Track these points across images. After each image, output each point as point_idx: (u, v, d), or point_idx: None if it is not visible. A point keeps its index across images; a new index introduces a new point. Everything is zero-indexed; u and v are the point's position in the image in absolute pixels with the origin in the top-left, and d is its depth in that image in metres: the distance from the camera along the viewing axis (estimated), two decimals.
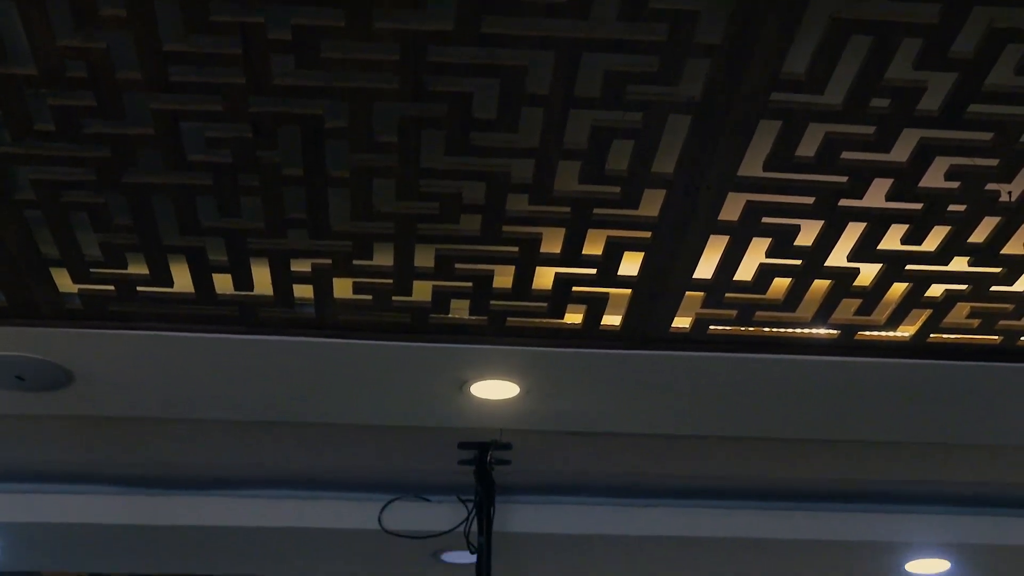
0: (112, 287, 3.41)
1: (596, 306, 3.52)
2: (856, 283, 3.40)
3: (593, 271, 3.34)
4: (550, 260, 3.29)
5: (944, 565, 5.54)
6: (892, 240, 3.22)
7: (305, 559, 5.54)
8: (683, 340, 3.67)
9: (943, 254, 3.27)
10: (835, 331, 3.64)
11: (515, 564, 5.40)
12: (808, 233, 3.18)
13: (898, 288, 3.43)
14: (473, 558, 4.92)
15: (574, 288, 3.42)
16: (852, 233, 3.19)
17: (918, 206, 3.06)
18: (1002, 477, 5.02)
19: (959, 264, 3.32)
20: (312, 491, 5.10)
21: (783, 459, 4.84)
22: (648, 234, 3.17)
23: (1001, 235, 3.18)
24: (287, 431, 4.55)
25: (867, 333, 3.66)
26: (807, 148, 2.84)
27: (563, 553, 5.40)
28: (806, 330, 3.66)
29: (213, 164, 2.89)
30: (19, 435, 4.63)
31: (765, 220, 3.12)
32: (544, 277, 3.38)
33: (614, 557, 5.46)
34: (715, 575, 5.80)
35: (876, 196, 3.02)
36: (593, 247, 3.24)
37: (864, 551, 5.38)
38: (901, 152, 2.86)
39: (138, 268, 3.32)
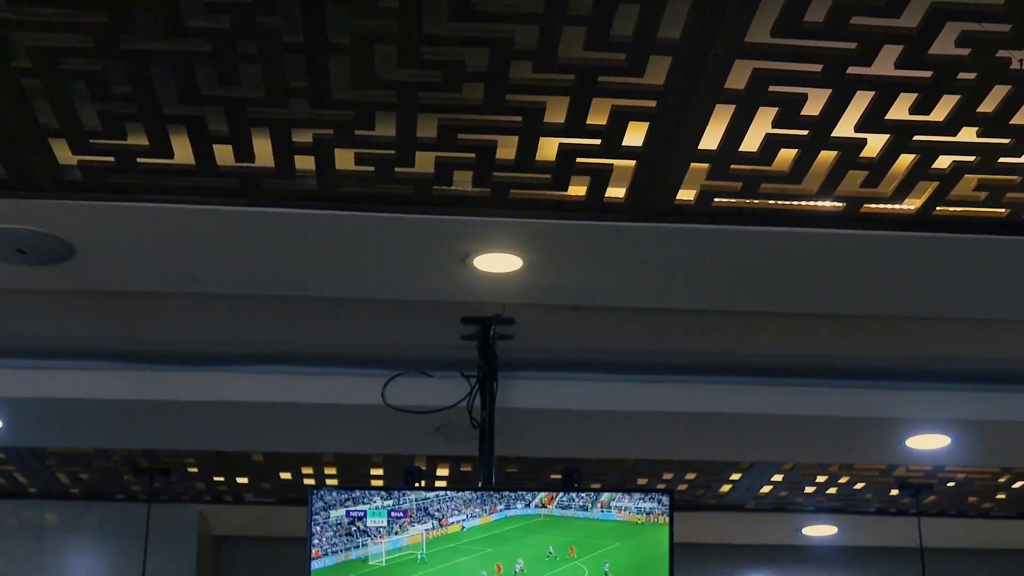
0: (112, 158, 3.39)
1: (600, 178, 3.50)
2: (863, 154, 3.38)
3: (597, 142, 3.31)
4: (554, 130, 3.27)
5: (944, 440, 5.60)
6: (900, 110, 3.19)
7: (308, 435, 5.59)
8: (687, 212, 3.66)
9: (951, 124, 3.24)
10: (840, 204, 3.63)
11: (517, 439, 5.45)
12: (815, 103, 3.16)
13: (905, 160, 3.42)
14: (476, 433, 4.97)
15: (578, 159, 3.40)
16: (860, 103, 3.16)
17: (927, 74, 3.03)
18: (1004, 353, 5.04)
19: (967, 135, 3.30)
20: (315, 367, 5.13)
21: (786, 335, 4.86)
22: (653, 103, 3.14)
23: (1011, 104, 3.15)
24: (290, 306, 4.56)
25: (873, 206, 3.65)
26: (816, 13, 2.80)
27: (565, 428, 5.45)
28: (811, 202, 3.64)
29: (212, 30, 2.85)
30: (21, 310, 4.65)
31: (772, 89, 3.09)
32: (548, 148, 3.36)
33: (616, 432, 5.51)
34: (716, 451, 5.86)
35: (885, 64, 2.99)
36: (597, 117, 3.21)
37: (865, 426, 5.43)
38: (911, 18, 2.82)
39: (138, 139, 3.30)
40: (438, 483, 6.34)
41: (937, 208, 3.65)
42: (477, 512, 4.94)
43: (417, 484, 4.94)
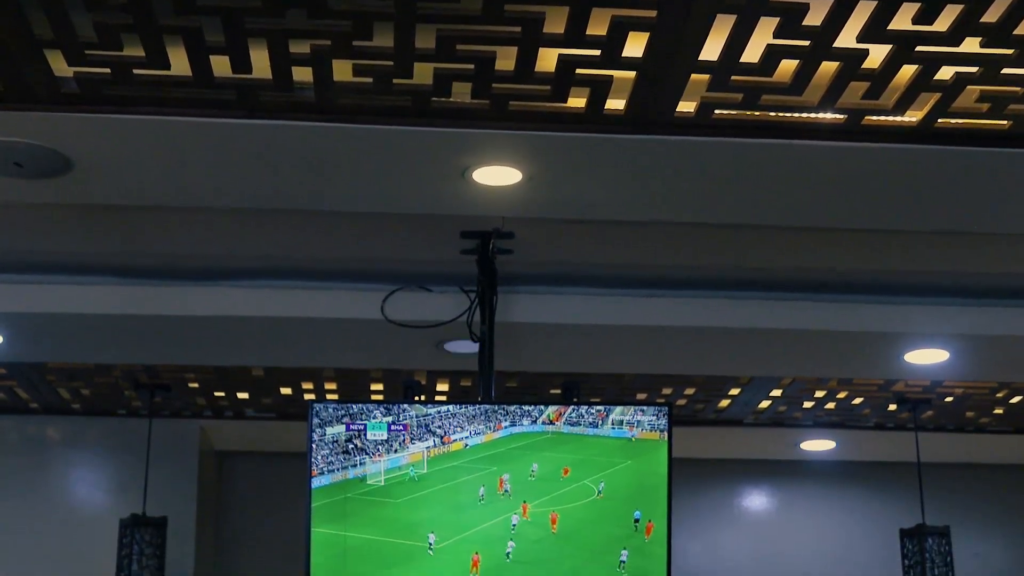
0: (108, 70, 3.37)
1: (600, 89, 3.49)
2: (865, 66, 3.36)
3: (597, 53, 3.30)
4: (553, 41, 3.25)
5: (943, 355, 5.62)
6: (903, 20, 3.17)
7: (308, 349, 5.62)
8: (687, 125, 3.65)
9: (954, 34, 3.22)
10: (842, 116, 3.61)
11: (517, 353, 5.48)
12: (817, 13, 3.14)
13: (907, 71, 3.40)
14: (476, 347, 5.00)
15: (578, 70, 3.39)
16: (862, 13, 3.14)
17: None
18: (1004, 267, 5.05)
19: (970, 46, 3.28)
20: (315, 281, 5.15)
21: (785, 249, 4.86)
22: (653, 13, 3.12)
23: (1014, 15, 3.13)
24: (289, 220, 4.56)
25: (874, 118, 3.64)
26: None
27: (564, 343, 5.48)
28: (812, 115, 3.63)
29: None
30: (21, 224, 4.65)
31: None
32: (547, 59, 3.34)
33: (615, 347, 5.54)
34: (716, 365, 5.89)
35: None
36: (597, 27, 3.19)
37: (864, 341, 5.46)
38: None
39: (134, 50, 3.29)
40: (438, 398, 6.38)
41: (939, 120, 3.64)
42: (481, 429, 4.95)
43: (417, 398, 4.97)
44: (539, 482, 4.94)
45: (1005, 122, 3.66)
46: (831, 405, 6.66)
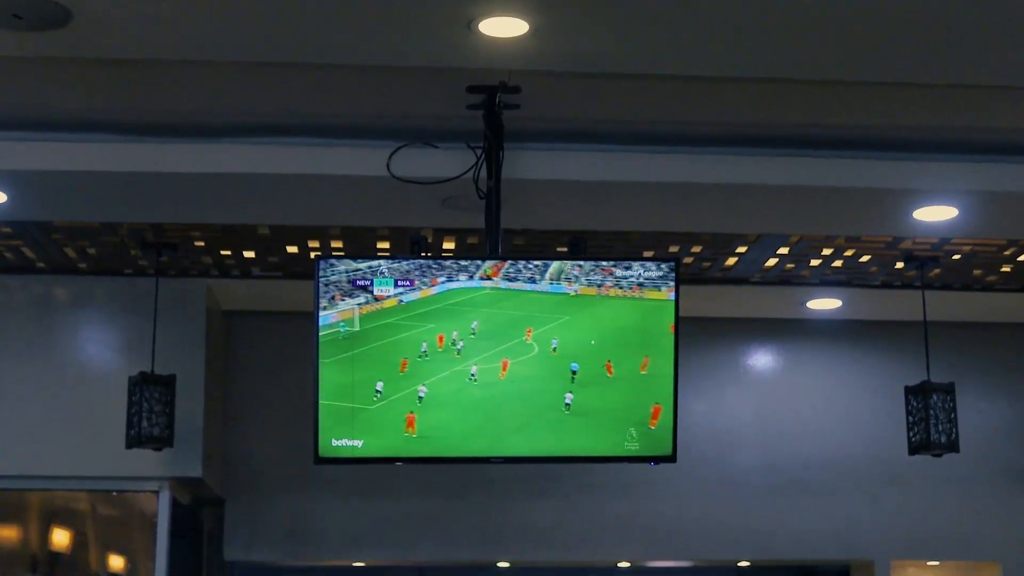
0: None
1: None
2: None
3: None
4: None
5: (951, 212, 5.62)
6: None
7: (314, 207, 5.62)
8: None
9: None
10: None
11: (523, 211, 5.48)
12: None
13: None
14: (482, 204, 4.99)
15: None
16: None
17: None
18: (1015, 123, 5.02)
19: None
20: (320, 138, 5.13)
21: (795, 104, 4.84)
22: None
23: None
24: (294, 75, 4.53)
25: None
26: None
27: (571, 199, 5.47)
28: None
29: None
30: (23, 80, 4.63)
31: None
32: None
33: (622, 203, 5.54)
34: (723, 222, 5.89)
35: None
36: None
37: (872, 198, 5.45)
38: None
39: None
40: (444, 255, 6.38)
41: None
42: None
43: (424, 255, 4.98)
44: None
45: None
46: (838, 263, 6.67)
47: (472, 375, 4.94)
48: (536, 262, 4.98)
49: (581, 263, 4.98)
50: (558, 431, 5.01)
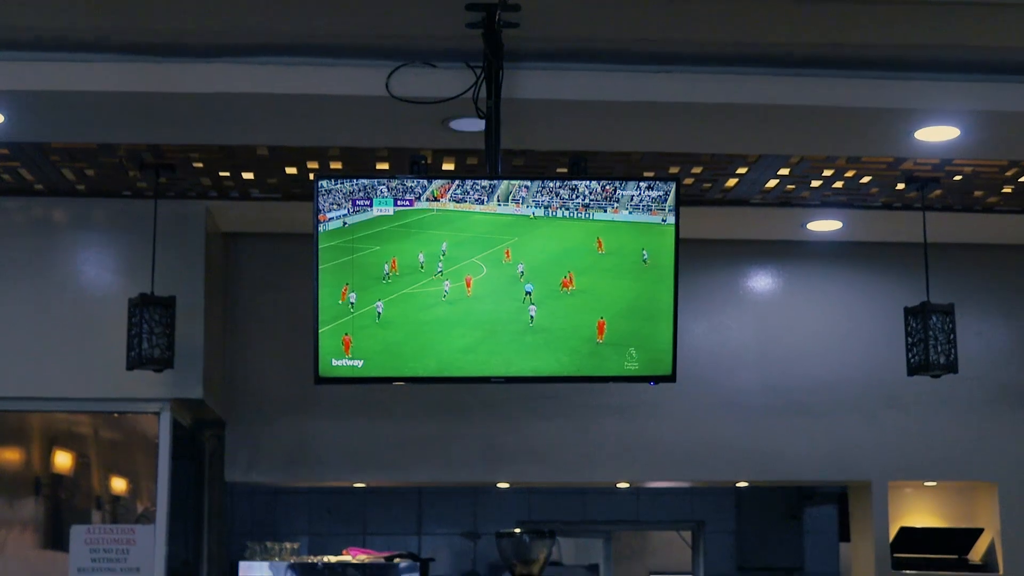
0: None
1: None
2: None
3: None
4: None
5: (953, 132, 5.61)
6: None
7: (312, 127, 5.62)
8: None
9: None
10: None
11: (524, 131, 5.47)
12: None
13: None
14: (482, 124, 4.98)
15: None
16: None
17: None
18: (1016, 41, 4.99)
19: None
20: (318, 57, 5.12)
21: (795, 22, 4.82)
22: None
23: None
24: None
25: None
26: None
27: (571, 119, 5.46)
28: None
29: None
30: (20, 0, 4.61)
31: None
32: None
33: (623, 123, 5.53)
34: (724, 143, 5.89)
35: None
36: None
37: (874, 118, 5.44)
38: None
39: None
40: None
41: None
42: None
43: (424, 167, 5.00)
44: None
45: None
46: (839, 184, 6.67)
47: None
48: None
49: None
50: (556, 351, 5.05)
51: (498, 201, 5.04)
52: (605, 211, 5.13)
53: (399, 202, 5.01)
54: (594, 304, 5.12)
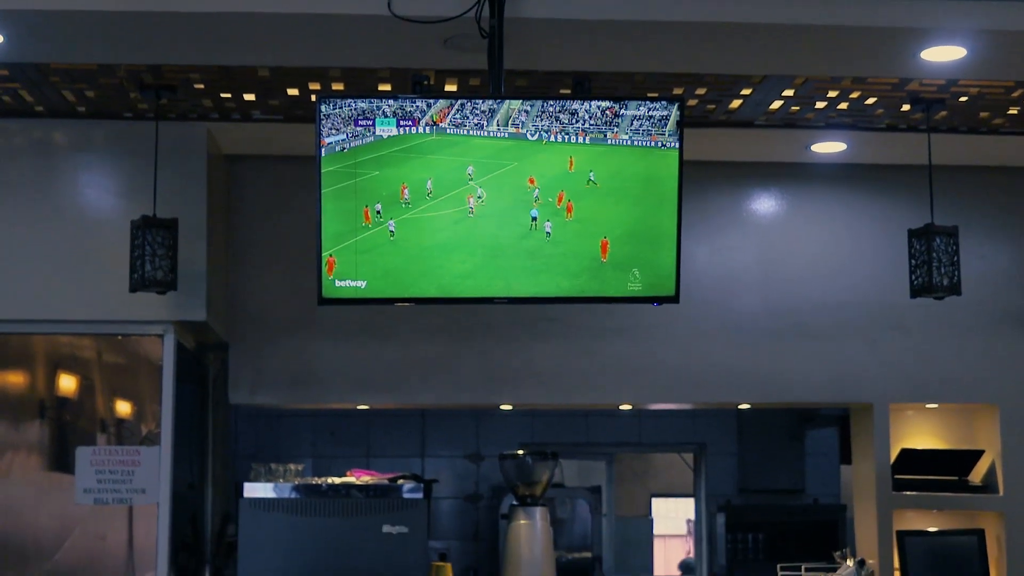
0: None
1: None
2: None
3: None
4: None
5: (960, 52, 5.57)
6: None
7: (314, 48, 5.59)
8: None
9: None
10: None
11: (527, 51, 5.44)
12: None
13: None
14: (484, 44, 4.95)
15: None
16: None
17: None
18: None
19: None
20: None
21: None
22: None
23: None
24: None
25: None
26: None
27: (575, 39, 5.43)
28: None
29: None
30: None
31: None
32: None
33: (627, 43, 5.49)
34: (728, 63, 5.85)
35: None
36: None
37: (879, 37, 5.41)
38: None
39: None
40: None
41: None
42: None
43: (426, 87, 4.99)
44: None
45: None
46: (843, 106, 6.64)
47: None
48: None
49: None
50: (559, 273, 5.07)
51: (498, 125, 5.02)
52: (605, 136, 5.12)
53: (401, 124, 5.00)
54: (596, 228, 5.13)
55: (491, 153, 5.06)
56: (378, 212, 4.92)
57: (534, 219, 5.03)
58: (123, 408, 7.43)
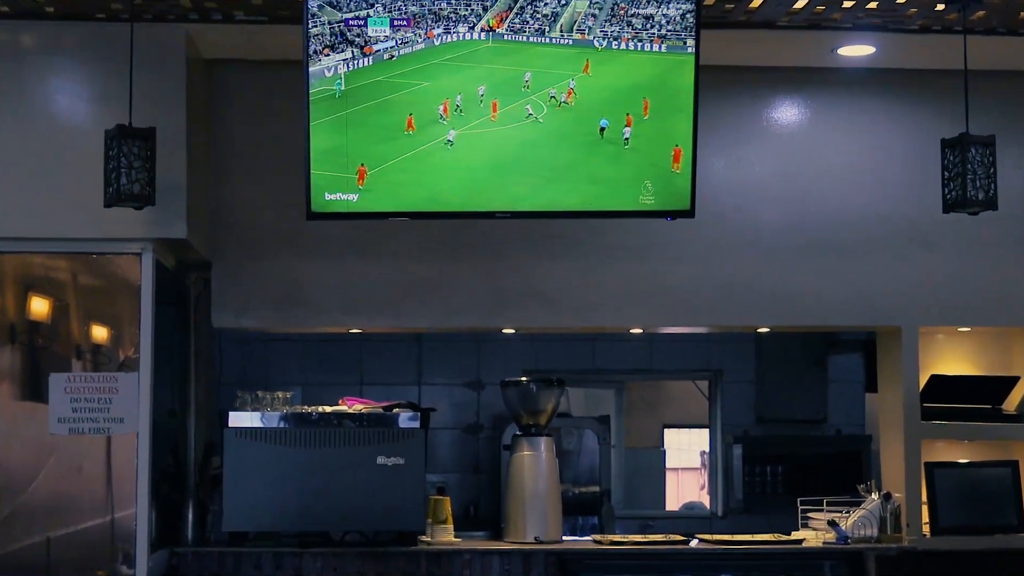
0: None
1: None
2: None
3: None
4: None
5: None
6: None
7: None
8: None
9: None
10: None
11: None
12: None
13: None
14: None
15: None
16: None
17: None
18: None
19: None
20: None
21: None
22: None
23: None
24: None
25: None
26: None
27: None
28: None
29: None
30: None
31: None
32: None
33: None
34: None
35: None
36: None
37: None
38: None
39: None
40: None
41: None
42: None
43: None
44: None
45: None
46: (873, 5, 6.57)
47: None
48: (546, 8, 4.91)
49: (596, 10, 4.91)
50: (568, 186, 5.04)
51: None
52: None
53: (395, 23, 4.94)
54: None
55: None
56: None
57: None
58: (99, 332, 7.44)
